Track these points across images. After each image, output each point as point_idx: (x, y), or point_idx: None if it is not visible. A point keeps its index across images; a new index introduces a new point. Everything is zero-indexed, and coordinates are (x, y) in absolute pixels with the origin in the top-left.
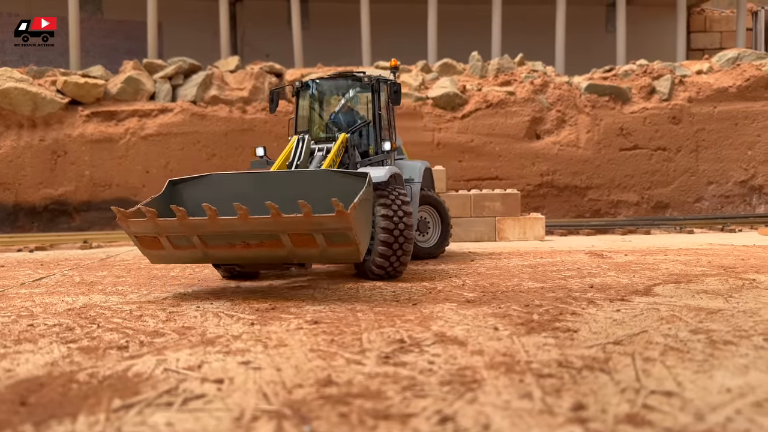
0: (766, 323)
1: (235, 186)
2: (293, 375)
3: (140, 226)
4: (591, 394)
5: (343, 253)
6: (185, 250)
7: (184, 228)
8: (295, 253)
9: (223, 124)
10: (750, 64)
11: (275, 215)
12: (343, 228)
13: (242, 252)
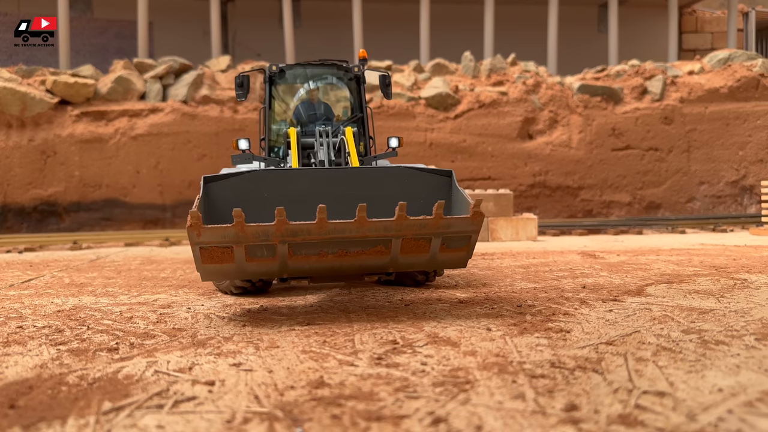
0: (758, 323)
1: (287, 184)
2: (285, 377)
3: (217, 234)
4: (584, 394)
5: (454, 259)
6: (260, 261)
7: (280, 234)
8: (398, 261)
9: (214, 124)
10: (741, 64)
11: (401, 217)
12: (471, 231)
13: (333, 262)
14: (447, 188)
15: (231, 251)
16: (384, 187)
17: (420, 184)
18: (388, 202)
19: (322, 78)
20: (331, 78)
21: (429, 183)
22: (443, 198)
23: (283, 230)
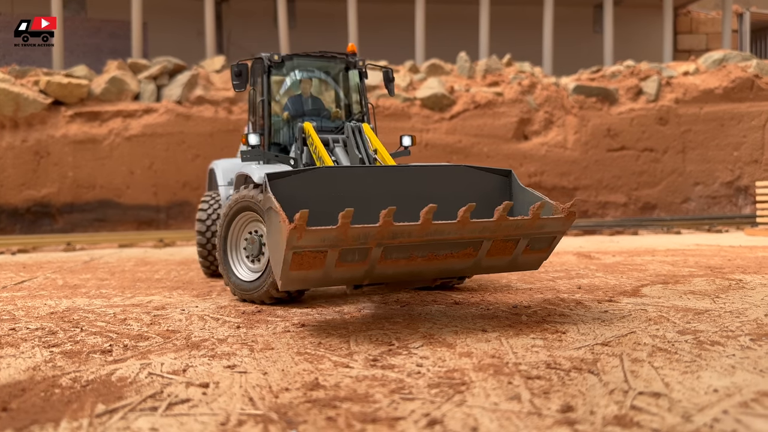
0: (753, 323)
1: (347, 182)
2: (280, 379)
3: (317, 237)
4: (579, 395)
5: (532, 261)
6: (348, 267)
7: (381, 237)
8: (481, 264)
9: (208, 125)
10: (736, 65)
11: (502, 218)
12: (560, 231)
13: (420, 266)
14: (504, 187)
15: (324, 256)
16: (443, 186)
17: (478, 183)
18: (445, 202)
19: (322, 71)
20: (334, 70)
21: (487, 182)
22: (503, 197)
23: (386, 232)
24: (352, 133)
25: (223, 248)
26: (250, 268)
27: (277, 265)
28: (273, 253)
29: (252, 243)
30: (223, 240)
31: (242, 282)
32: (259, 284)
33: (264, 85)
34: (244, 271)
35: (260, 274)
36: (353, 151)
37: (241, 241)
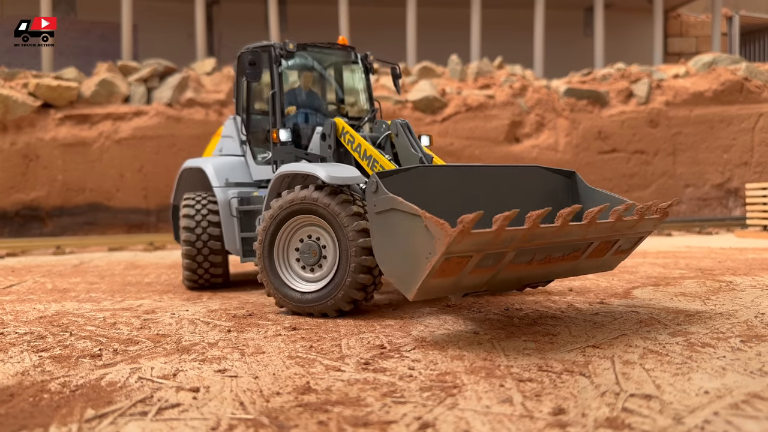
0: (743, 325)
1: (442, 181)
2: (271, 382)
3: (474, 241)
4: (571, 398)
5: (614, 262)
6: (479, 273)
7: (523, 239)
8: (578, 266)
9: (199, 127)
10: (725, 68)
11: (619, 219)
12: (648, 232)
13: (534, 269)
14: (567, 187)
15: (466, 262)
16: (515, 186)
17: (545, 182)
18: (517, 202)
19: (328, 64)
20: (341, 64)
21: (552, 182)
22: (566, 197)
23: (529, 235)
24: (403, 130)
25: (269, 256)
26: (304, 277)
27: (412, 274)
28: (401, 259)
29: (308, 250)
30: (269, 247)
31: (297, 293)
32: (322, 296)
33: (275, 76)
34: (297, 282)
35: (324, 284)
36: (407, 149)
37: (291, 248)
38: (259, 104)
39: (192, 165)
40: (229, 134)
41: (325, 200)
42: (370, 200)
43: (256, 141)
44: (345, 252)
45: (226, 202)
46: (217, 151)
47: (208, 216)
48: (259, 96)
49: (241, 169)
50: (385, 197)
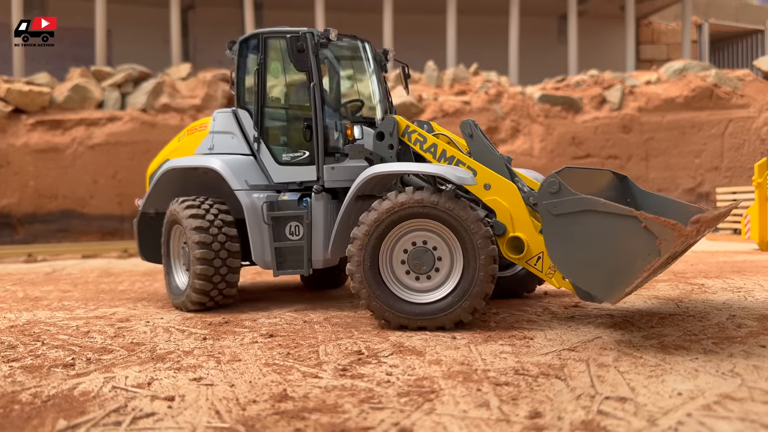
0: (715, 327)
1: (595, 183)
2: (247, 390)
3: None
4: (547, 401)
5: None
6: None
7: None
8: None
9: (174, 133)
10: (696, 75)
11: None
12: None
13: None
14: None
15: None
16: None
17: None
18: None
19: (354, 59)
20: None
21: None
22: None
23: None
24: (477, 129)
25: (372, 264)
26: (413, 287)
27: (618, 277)
28: (600, 263)
29: (420, 257)
30: (372, 254)
31: (409, 305)
32: (443, 306)
33: (313, 66)
34: (406, 292)
35: (444, 294)
36: (486, 150)
37: (396, 255)
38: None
39: (184, 164)
40: (226, 130)
41: (448, 204)
42: (547, 202)
43: (274, 138)
44: (472, 259)
45: (255, 208)
46: (204, 149)
47: (223, 228)
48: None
49: (255, 170)
50: (574, 199)
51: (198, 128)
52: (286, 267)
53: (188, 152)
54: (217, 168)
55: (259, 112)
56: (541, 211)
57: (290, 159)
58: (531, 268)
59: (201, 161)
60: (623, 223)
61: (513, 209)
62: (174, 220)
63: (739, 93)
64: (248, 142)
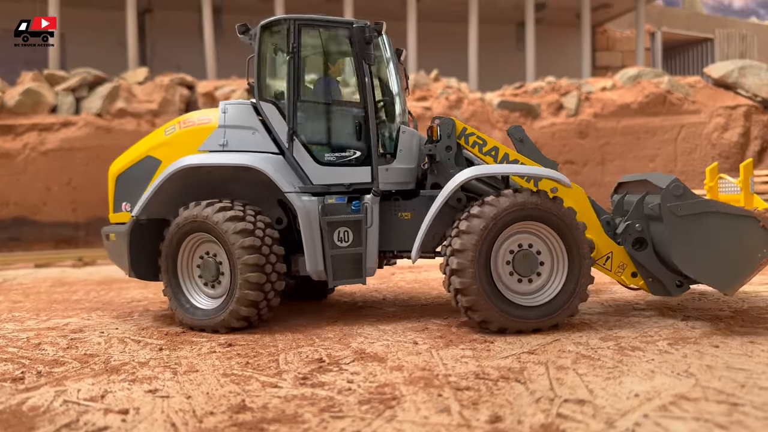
0: (670, 328)
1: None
2: (204, 402)
3: None
4: (507, 405)
5: None
6: None
7: None
8: None
9: (130, 138)
10: (649, 81)
11: None
12: None
13: None
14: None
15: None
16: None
17: None
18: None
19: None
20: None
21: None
22: None
23: None
24: (525, 134)
25: (486, 262)
26: (518, 290)
27: (735, 271)
28: (720, 259)
29: (525, 259)
30: (485, 257)
31: (518, 307)
32: (556, 307)
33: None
34: (513, 294)
35: (555, 293)
36: (538, 156)
37: (501, 256)
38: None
39: (212, 162)
40: (245, 124)
41: (552, 206)
42: (671, 204)
43: (311, 136)
44: (578, 262)
45: (309, 212)
46: (212, 145)
47: (267, 231)
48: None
49: (290, 170)
50: (697, 201)
51: (194, 121)
52: (343, 276)
53: (187, 148)
54: (262, 168)
55: (292, 107)
56: (664, 212)
57: (335, 159)
58: (600, 268)
59: (236, 159)
60: (743, 223)
61: (582, 211)
62: (195, 227)
63: (691, 99)
64: (274, 139)
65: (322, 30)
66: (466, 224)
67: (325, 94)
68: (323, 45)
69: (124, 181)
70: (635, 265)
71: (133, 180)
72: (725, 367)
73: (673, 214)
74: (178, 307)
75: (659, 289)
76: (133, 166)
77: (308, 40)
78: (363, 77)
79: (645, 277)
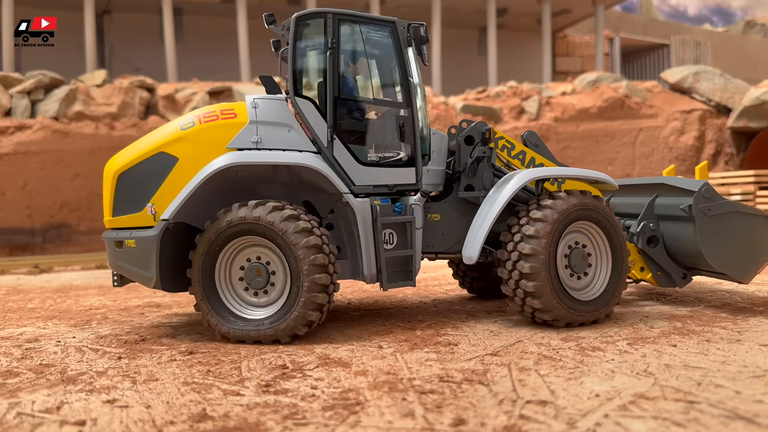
0: (630, 328)
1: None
2: (164, 411)
3: None
4: (471, 407)
5: None
6: None
7: None
8: None
9: (88, 142)
10: (608, 86)
11: None
12: None
13: None
14: None
15: None
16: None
17: None
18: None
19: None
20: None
21: None
22: None
23: None
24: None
25: (552, 261)
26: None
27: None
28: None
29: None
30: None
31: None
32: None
33: (407, 59)
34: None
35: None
36: (552, 160)
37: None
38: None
39: (267, 161)
40: (280, 121)
41: (603, 208)
42: (703, 205)
43: (351, 135)
44: (620, 260)
45: (366, 214)
46: (244, 142)
47: (321, 230)
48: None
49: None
50: (724, 202)
51: (218, 115)
52: (396, 279)
53: (212, 145)
54: (321, 168)
55: (332, 104)
56: (696, 212)
57: (378, 159)
58: None
59: (291, 158)
60: (758, 221)
61: None
62: (241, 231)
63: (648, 103)
64: (312, 137)
65: (362, 26)
66: (533, 228)
67: (365, 92)
68: (364, 41)
69: (128, 180)
70: (645, 260)
71: (140, 179)
72: (683, 366)
73: (704, 213)
74: (221, 321)
75: (666, 281)
76: (142, 163)
77: (346, 36)
78: (408, 77)
79: (654, 271)
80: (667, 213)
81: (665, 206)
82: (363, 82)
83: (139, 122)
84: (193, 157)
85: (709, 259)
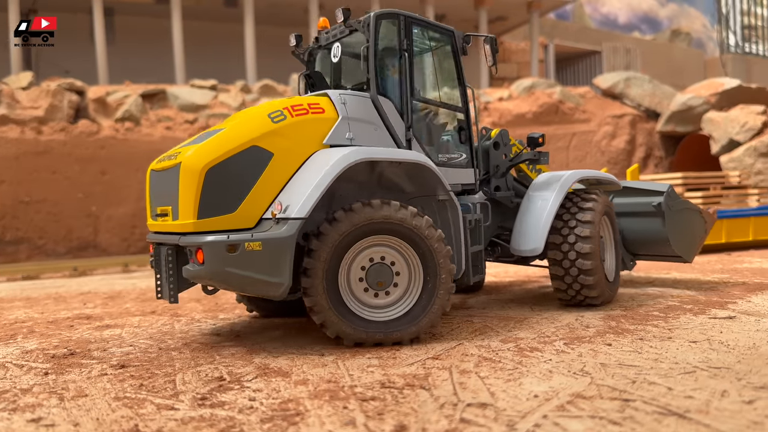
0: (566, 328)
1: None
2: (94, 429)
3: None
4: (412, 413)
5: None
6: None
7: None
8: None
9: (13, 147)
10: (543, 91)
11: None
12: None
13: None
14: None
15: None
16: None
17: None
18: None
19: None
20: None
21: None
22: None
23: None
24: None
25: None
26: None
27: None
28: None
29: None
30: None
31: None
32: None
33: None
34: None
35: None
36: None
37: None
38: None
39: (397, 158)
40: (367, 119)
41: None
42: (671, 202)
43: (422, 135)
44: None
45: (459, 211)
46: (339, 138)
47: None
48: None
49: None
50: (682, 201)
51: (308, 108)
52: (476, 273)
53: (308, 140)
54: (432, 167)
55: (407, 105)
56: (665, 209)
57: (446, 160)
58: None
59: (410, 156)
60: (696, 214)
61: None
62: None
63: (581, 108)
64: (392, 135)
65: (428, 31)
66: (587, 231)
67: (434, 95)
68: (430, 46)
69: (218, 177)
70: None
71: (232, 176)
72: (617, 365)
73: (671, 209)
74: (343, 323)
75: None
76: (233, 157)
77: (417, 39)
78: (464, 83)
79: None
80: (630, 210)
81: (627, 204)
82: (431, 85)
83: (68, 126)
84: (288, 153)
85: (673, 245)
